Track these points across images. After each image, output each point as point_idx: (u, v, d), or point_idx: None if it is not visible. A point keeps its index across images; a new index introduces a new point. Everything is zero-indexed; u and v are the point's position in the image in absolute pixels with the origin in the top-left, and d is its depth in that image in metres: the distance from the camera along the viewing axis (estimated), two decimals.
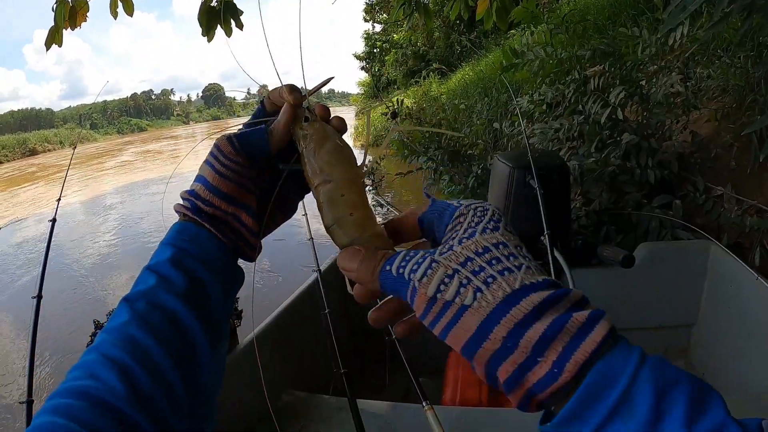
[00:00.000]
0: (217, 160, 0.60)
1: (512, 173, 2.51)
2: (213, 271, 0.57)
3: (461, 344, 0.39)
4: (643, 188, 3.50)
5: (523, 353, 0.36)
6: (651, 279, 2.69)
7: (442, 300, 0.40)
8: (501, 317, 0.37)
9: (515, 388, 0.37)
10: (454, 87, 12.72)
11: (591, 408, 0.34)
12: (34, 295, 1.93)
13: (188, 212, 0.59)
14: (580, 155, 3.67)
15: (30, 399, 1.63)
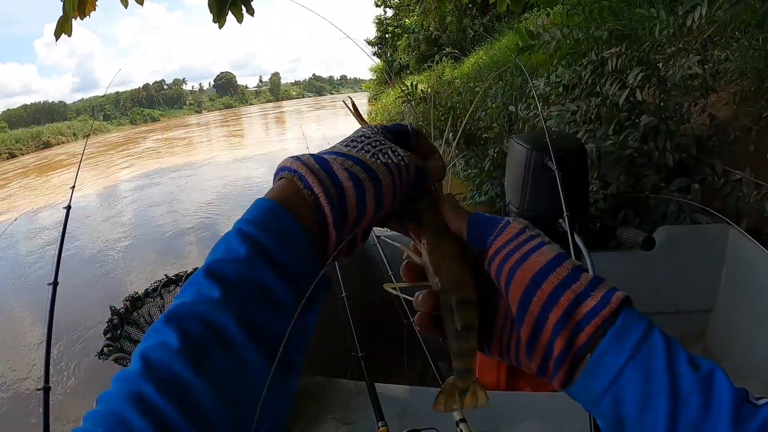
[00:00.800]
0: (400, 180, 0.53)
1: (530, 155, 2.47)
2: (292, 282, 0.46)
3: (539, 266, 0.46)
4: (661, 171, 3.45)
5: (581, 284, 0.45)
6: (669, 263, 2.66)
7: (529, 233, 0.50)
8: (567, 258, 0.47)
9: (565, 326, 0.44)
10: (467, 71, 12.64)
11: (621, 343, 0.42)
12: (50, 282, 1.94)
13: (322, 197, 0.48)
14: (597, 138, 3.63)
15: (47, 386, 1.64)
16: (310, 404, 2.22)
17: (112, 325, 2.18)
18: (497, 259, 0.49)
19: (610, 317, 0.43)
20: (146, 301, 2.38)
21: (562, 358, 0.44)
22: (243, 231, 0.46)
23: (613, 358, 0.42)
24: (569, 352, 0.44)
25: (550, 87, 4.60)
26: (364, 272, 3.11)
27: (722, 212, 2.86)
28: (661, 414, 0.40)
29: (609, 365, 0.42)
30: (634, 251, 2.65)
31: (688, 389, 0.40)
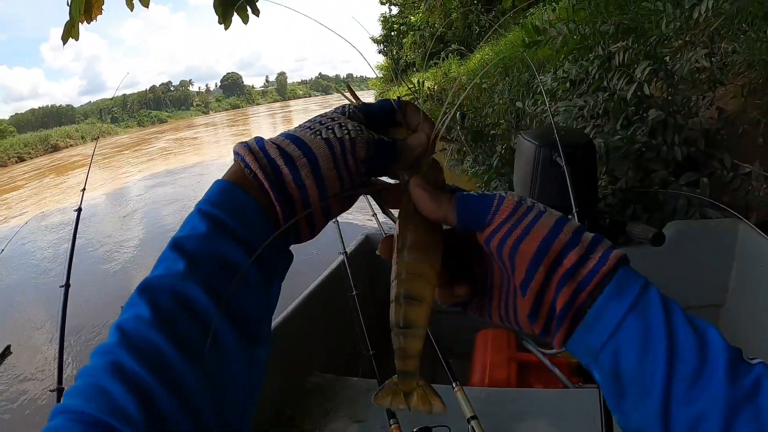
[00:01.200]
0: (343, 156, 0.51)
1: (538, 151, 2.47)
2: (252, 256, 0.47)
3: (542, 237, 0.47)
4: (670, 166, 3.43)
5: (582, 247, 0.47)
6: (679, 258, 2.63)
7: (526, 205, 0.50)
8: (566, 221, 0.49)
9: (566, 286, 0.46)
10: (474, 68, 12.63)
11: (620, 297, 0.44)
12: (62, 284, 1.95)
13: (259, 173, 0.50)
14: (605, 133, 3.61)
15: (60, 387, 1.65)
16: (321, 402, 2.23)
17: None
18: (497, 236, 0.49)
19: (608, 274, 0.45)
20: None
21: (563, 316, 0.46)
22: (203, 210, 0.48)
23: (612, 312, 0.44)
24: (570, 310, 0.46)
25: (557, 82, 4.57)
26: (372, 267, 3.12)
27: (732, 206, 2.84)
28: (659, 366, 0.41)
29: (607, 318, 0.44)
30: (644, 247, 2.64)
31: (684, 343, 0.42)
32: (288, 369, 2.34)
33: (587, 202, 2.35)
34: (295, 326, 2.37)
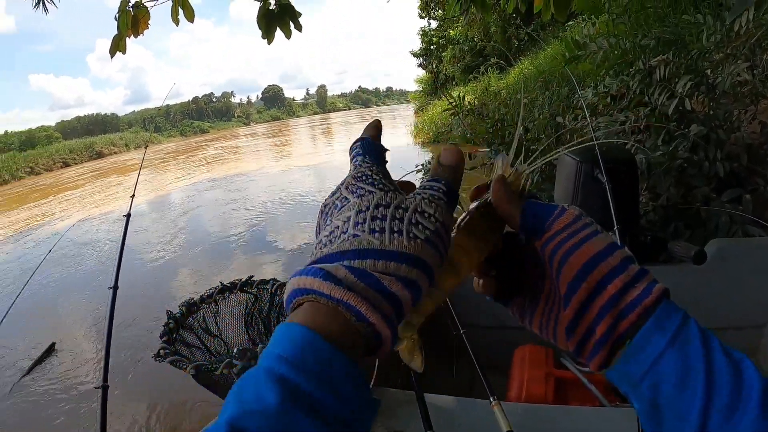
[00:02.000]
0: (442, 240, 0.46)
1: (579, 167, 2.47)
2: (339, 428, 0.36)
3: (591, 254, 0.48)
4: (712, 182, 3.40)
5: (628, 275, 0.47)
6: (720, 277, 2.58)
7: (584, 221, 0.50)
8: (618, 247, 0.49)
9: (608, 312, 0.46)
10: (513, 82, 12.61)
11: (661, 330, 0.45)
12: (110, 286, 2.03)
13: (374, 317, 0.39)
14: (646, 148, 3.59)
15: (105, 384, 1.73)
16: None
17: (168, 328, 2.25)
18: (552, 244, 0.50)
19: (651, 307, 0.46)
20: (201, 306, 2.43)
21: (602, 342, 0.47)
22: (274, 371, 0.36)
23: (654, 344, 0.45)
24: (611, 336, 0.46)
25: (597, 97, 4.56)
26: None
27: None
28: (697, 397, 0.42)
29: (649, 350, 0.45)
30: (685, 265, 2.59)
31: (721, 375, 0.42)
32: None
33: (629, 219, 2.34)
34: None
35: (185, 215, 12.72)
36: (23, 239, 12.81)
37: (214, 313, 2.47)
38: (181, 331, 2.32)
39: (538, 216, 0.52)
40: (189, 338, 2.33)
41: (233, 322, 2.50)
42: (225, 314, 2.49)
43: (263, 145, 36.27)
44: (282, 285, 2.45)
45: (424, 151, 17.00)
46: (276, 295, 2.47)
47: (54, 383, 5.06)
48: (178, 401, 4.27)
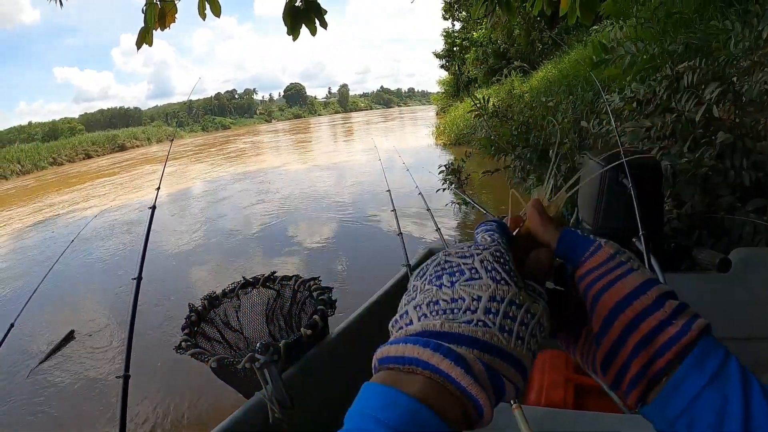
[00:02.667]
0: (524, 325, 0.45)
1: (604, 172, 2.46)
2: None
3: (623, 294, 0.48)
4: (737, 191, 3.35)
5: (665, 312, 0.47)
6: (744, 287, 2.54)
7: (619, 259, 0.51)
8: (654, 284, 0.48)
9: (643, 350, 0.46)
10: (537, 85, 12.55)
11: (700, 369, 0.44)
12: (134, 276, 2.06)
13: (483, 400, 0.40)
14: (671, 155, 3.56)
15: (127, 374, 1.72)
16: None
17: (189, 321, 2.26)
18: (586, 280, 0.51)
19: (689, 345, 0.45)
20: (223, 301, 2.44)
21: (636, 380, 0.46)
22: None
23: (691, 384, 0.44)
24: (645, 375, 0.46)
25: (624, 102, 4.53)
26: None
27: None
28: None
29: (686, 390, 0.44)
30: (708, 273, 2.58)
31: (759, 417, 0.42)
32: (347, 376, 2.37)
33: (653, 226, 2.32)
34: (355, 335, 2.41)
35: (213, 205, 13.04)
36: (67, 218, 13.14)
37: (236, 308, 2.48)
38: (202, 324, 2.34)
39: (573, 246, 0.53)
40: (210, 332, 2.35)
41: (254, 317, 2.51)
42: (246, 309, 2.50)
43: (286, 142, 36.49)
44: (305, 281, 2.46)
45: (444, 152, 17.00)
46: (299, 291, 2.46)
47: (71, 371, 5.12)
48: (194, 394, 4.31)
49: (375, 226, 9.06)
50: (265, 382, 1.79)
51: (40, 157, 37.27)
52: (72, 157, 40.61)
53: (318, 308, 2.16)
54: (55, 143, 44.20)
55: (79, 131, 58.05)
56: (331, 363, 2.25)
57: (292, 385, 1.88)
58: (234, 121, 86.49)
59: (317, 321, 2.09)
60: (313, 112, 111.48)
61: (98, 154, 43.32)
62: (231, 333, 2.44)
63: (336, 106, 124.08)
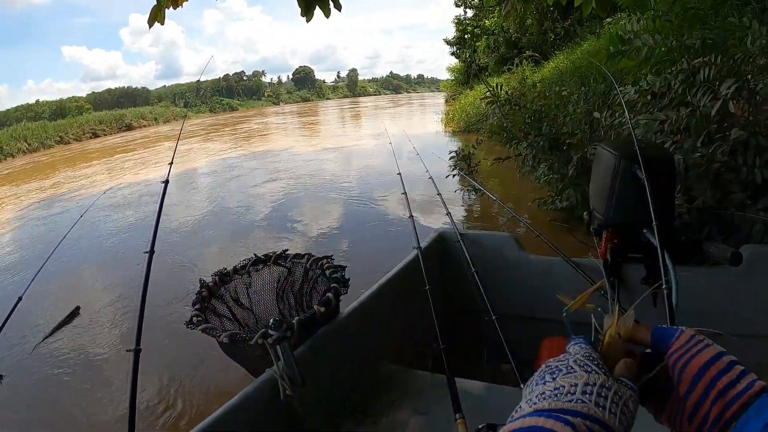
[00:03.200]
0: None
1: (618, 162, 2.45)
2: None
3: (704, 361, 0.62)
4: (748, 188, 3.34)
5: (734, 374, 0.60)
6: (753, 283, 2.53)
7: (697, 338, 0.65)
8: (724, 355, 0.62)
9: (719, 401, 0.59)
10: (548, 75, 12.49)
11: (760, 415, 0.56)
12: (146, 250, 2.07)
13: None
14: (685, 149, 3.54)
15: (138, 348, 1.75)
16: (388, 391, 2.28)
17: (200, 297, 2.27)
18: (675, 356, 0.65)
19: (753, 397, 0.58)
20: (234, 277, 2.44)
21: (713, 425, 0.59)
22: None
23: (752, 427, 0.56)
24: (720, 421, 0.59)
25: (638, 94, 4.50)
26: (443, 264, 3.16)
27: None
28: None
29: (749, 430, 0.56)
30: (718, 268, 2.59)
31: None
32: (358, 356, 2.40)
33: (664, 218, 2.31)
34: (367, 314, 2.41)
35: (229, 182, 13.25)
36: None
37: (247, 285, 2.49)
38: (213, 300, 2.35)
39: (663, 338, 0.68)
40: (220, 308, 2.36)
41: (264, 295, 2.51)
42: (257, 287, 2.51)
43: (294, 124, 36.46)
44: (317, 260, 2.47)
45: (453, 140, 16.96)
46: (310, 270, 2.46)
47: (77, 346, 5.15)
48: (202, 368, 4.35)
49: (383, 210, 9.01)
50: (277, 359, 1.80)
51: (47, 136, 36.97)
52: (79, 135, 40.35)
53: (331, 286, 2.17)
54: (62, 122, 43.76)
55: (86, 110, 57.56)
56: (342, 342, 2.26)
57: (303, 363, 1.88)
58: (242, 103, 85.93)
59: (331, 298, 2.09)
60: (321, 95, 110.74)
61: (105, 133, 43.08)
62: (241, 310, 2.44)
63: (345, 90, 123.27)
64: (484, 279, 2.70)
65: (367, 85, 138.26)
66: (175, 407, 3.95)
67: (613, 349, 0.68)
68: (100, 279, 7.31)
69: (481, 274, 2.73)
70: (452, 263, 3.09)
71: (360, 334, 2.37)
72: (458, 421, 1.65)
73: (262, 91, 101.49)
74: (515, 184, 8.70)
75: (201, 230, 8.96)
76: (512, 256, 3.05)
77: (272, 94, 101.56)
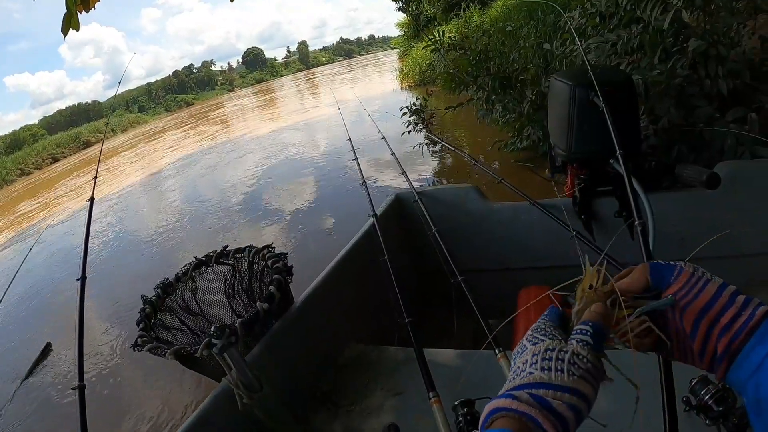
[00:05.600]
0: (594, 375, 0.61)
1: (573, 92, 2.30)
2: None
3: (707, 299, 0.63)
4: (714, 101, 3.24)
5: (736, 307, 0.62)
6: (732, 202, 2.42)
7: (697, 275, 0.66)
8: (725, 288, 0.64)
9: (727, 332, 0.61)
10: (496, 15, 12.30)
11: (762, 343, 0.58)
12: (78, 277, 1.88)
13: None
14: (642, 68, 3.41)
15: (82, 384, 1.61)
16: (358, 374, 2.18)
17: (144, 314, 2.13)
18: (677, 296, 0.66)
19: (755, 326, 0.60)
20: (178, 286, 2.34)
21: (722, 358, 0.62)
22: None
23: (755, 355, 0.58)
24: (727, 354, 0.61)
25: (585, 18, 4.33)
26: (404, 229, 3.06)
27: None
28: None
29: (752, 360, 0.59)
30: (693, 190, 2.48)
31: None
32: (321, 342, 2.28)
33: (630, 145, 2.16)
34: (325, 297, 2.30)
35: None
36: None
37: (193, 291, 2.36)
38: (159, 314, 2.22)
39: (662, 275, 0.69)
40: (169, 321, 2.24)
41: (214, 297, 2.40)
42: (204, 290, 2.39)
43: (251, 106, 36.06)
44: (258, 251, 2.34)
45: (411, 95, 16.83)
46: (255, 263, 2.34)
47: (49, 385, 5.01)
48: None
49: (346, 179, 8.83)
50: (228, 368, 1.66)
51: (7, 171, 35.93)
52: (39, 164, 39.26)
53: (274, 278, 2.02)
54: (19, 153, 42.63)
55: (41, 136, 56.40)
56: (300, 333, 2.13)
57: (259, 365, 1.78)
58: (196, 96, 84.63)
59: (273, 292, 1.96)
60: (275, 74, 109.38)
61: (64, 155, 42.17)
62: (192, 318, 2.32)
63: (298, 64, 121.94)
64: (450, 236, 2.56)
65: (319, 55, 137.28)
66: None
67: (589, 303, 0.68)
68: (63, 311, 6.97)
69: (446, 232, 2.58)
70: (414, 226, 2.95)
71: (319, 320, 2.26)
72: (432, 400, 1.53)
73: (215, 81, 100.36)
74: (478, 130, 8.52)
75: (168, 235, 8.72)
76: (476, 207, 2.94)
77: (225, 82, 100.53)
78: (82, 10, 3.66)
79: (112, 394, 4.40)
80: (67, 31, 3.70)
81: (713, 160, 2.72)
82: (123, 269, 7.55)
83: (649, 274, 0.69)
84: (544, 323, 0.68)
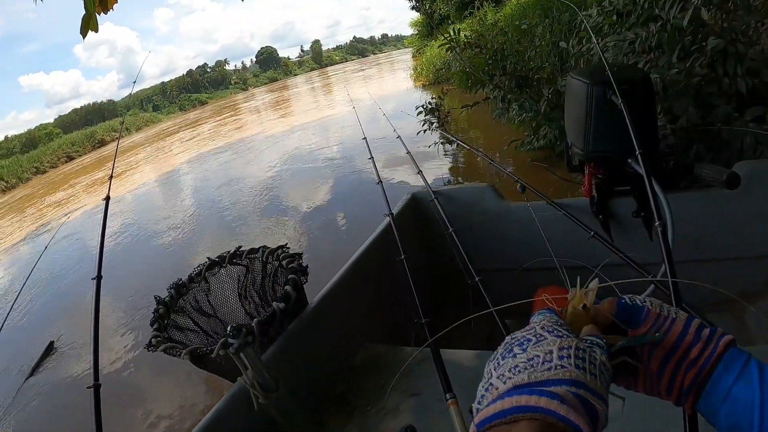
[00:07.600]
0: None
1: (590, 90, 2.27)
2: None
3: (674, 339, 0.64)
4: (733, 100, 3.19)
5: (703, 341, 0.63)
6: (752, 202, 2.37)
7: (663, 315, 0.67)
8: (690, 325, 0.65)
9: (693, 367, 0.62)
10: (510, 13, 12.23)
11: (728, 372, 0.60)
12: (93, 276, 1.89)
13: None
14: (660, 67, 3.36)
15: (97, 383, 1.62)
16: (374, 375, 2.16)
17: (158, 315, 2.14)
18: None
19: (720, 357, 0.61)
20: (191, 286, 2.35)
21: (689, 391, 0.63)
22: None
23: (723, 382, 0.60)
24: (694, 386, 0.62)
25: (602, 16, 4.29)
26: (421, 228, 3.04)
27: None
28: (756, 414, 0.55)
29: (720, 389, 0.60)
30: (709, 190, 2.45)
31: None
32: (337, 343, 2.27)
33: (648, 144, 2.13)
34: (341, 297, 2.29)
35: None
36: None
37: (206, 292, 2.37)
38: (172, 315, 2.23)
39: (630, 317, 0.67)
40: (182, 322, 2.24)
41: (226, 298, 2.41)
42: (217, 291, 2.40)
43: (265, 104, 36.11)
44: (272, 251, 2.33)
45: (425, 94, 16.77)
46: (268, 263, 2.34)
47: (53, 384, 5.06)
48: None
49: (361, 179, 8.78)
50: (244, 367, 1.65)
51: (23, 169, 36.44)
52: (54, 162, 39.85)
53: (289, 278, 2.02)
54: (35, 152, 43.34)
55: (56, 135, 56.92)
56: (316, 334, 2.12)
57: (275, 365, 1.77)
58: (210, 96, 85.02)
59: (289, 292, 1.96)
60: (289, 72, 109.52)
61: (80, 153, 42.76)
62: (205, 319, 2.32)
63: (311, 63, 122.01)
64: (466, 236, 2.55)
65: (333, 54, 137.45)
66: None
67: (577, 321, 0.66)
68: (68, 310, 7.06)
69: (462, 231, 2.58)
70: (430, 225, 2.95)
71: (335, 320, 2.25)
72: (449, 402, 1.52)
73: (229, 80, 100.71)
74: (493, 129, 8.43)
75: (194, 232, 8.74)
76: (492, 207, 2.93)
77: (239, 81, 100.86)
78: (101, 11, 3.68)
79: (124, 394, 4.42)
80: (87, 32, 3.71)
81: (732, 160, 2.69)
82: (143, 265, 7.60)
83: (614, 312, 0.68)
84: (557, 320, 0.62)
